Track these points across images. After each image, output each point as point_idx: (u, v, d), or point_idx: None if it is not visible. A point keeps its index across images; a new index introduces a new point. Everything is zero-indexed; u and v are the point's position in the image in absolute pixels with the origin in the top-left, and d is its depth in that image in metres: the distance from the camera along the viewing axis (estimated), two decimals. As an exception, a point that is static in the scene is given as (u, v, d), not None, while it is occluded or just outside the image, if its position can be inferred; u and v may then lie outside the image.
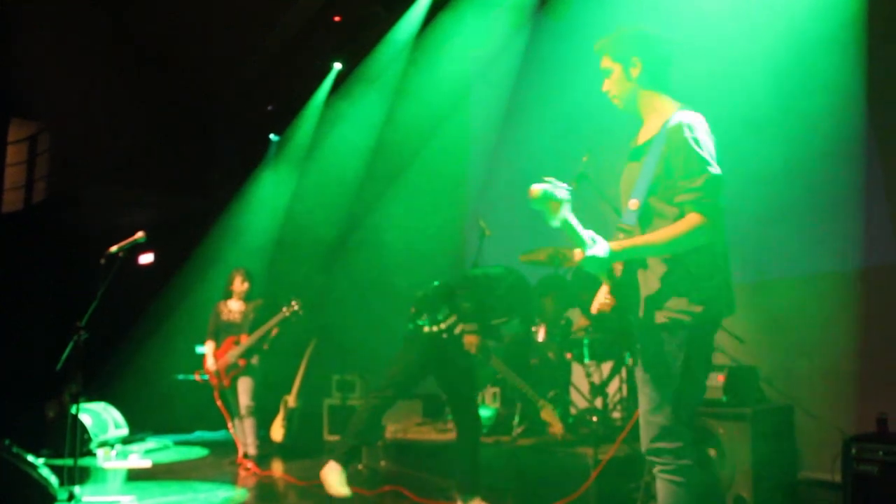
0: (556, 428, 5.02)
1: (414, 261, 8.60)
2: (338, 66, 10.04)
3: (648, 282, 2.77)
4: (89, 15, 10.18)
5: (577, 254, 2.63)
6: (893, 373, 4.55)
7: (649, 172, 2.73)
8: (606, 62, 2.98)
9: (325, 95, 10.36)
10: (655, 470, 2.77)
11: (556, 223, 2.58)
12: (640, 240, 2.70)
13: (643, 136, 2.93)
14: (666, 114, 2.86)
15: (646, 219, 2.78)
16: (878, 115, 4.86)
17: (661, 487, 2.75)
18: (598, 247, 2.61)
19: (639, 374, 2.79)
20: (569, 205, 2.58)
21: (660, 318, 2.72)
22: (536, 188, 2.56)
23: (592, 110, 6.61)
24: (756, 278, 5.45)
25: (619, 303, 2.72)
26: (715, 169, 2.70)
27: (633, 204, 2.74)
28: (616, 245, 2.65)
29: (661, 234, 2.69)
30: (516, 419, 5.82)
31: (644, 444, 2.78)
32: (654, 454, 2.75)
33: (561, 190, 2.57)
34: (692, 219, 2.66)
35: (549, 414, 5.04)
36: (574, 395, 6.10)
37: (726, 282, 2.83)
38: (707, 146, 2.74)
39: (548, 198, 2.56)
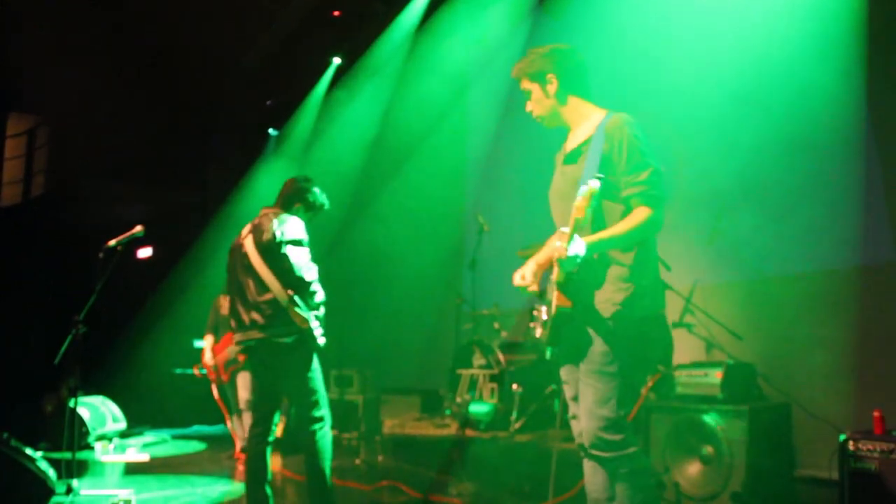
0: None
1: (413, 257, 8.61)
2: (337, 60, 10.04)
3: (591, 276, 2.79)
4: (88, 10, 10.16)
5: (561, 251, 2.63)
6: (891, 370, 4.56)
7: (592, 172, 2.75)
8: (524, 84, 3.07)
9: (324, 90, 10.36)
10: (604, 466, 2.79)
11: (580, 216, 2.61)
12: (605, 234, 2.74)
13: (574, 142, 2.99)
14: (595, 117, 2.94)
15: (597, 217, 2.80)
16: (877, 114, 4.86)
17: (616, 483, 2.77)
18: (579, 244, 2.63)
19: (584, 366, 2.81)
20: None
21: (604, 311, 2.76)
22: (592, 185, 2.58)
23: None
24: (754, 275, 5.45)
25: (572, 298, 2.71)
26: (656, 163, 2.78)
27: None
28: (586, 240, 2.68)
29: (619, 227, 2.75)
30: (514, 415, 5.84)
31: (587, 436, 2.79)
32: (600, 447, 2.76)
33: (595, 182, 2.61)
34: (642, 211, 2.75)
35: None
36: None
37: (659, 276, 2.93)
38: (646, 142, 2.82)
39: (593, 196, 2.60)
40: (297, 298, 4.03)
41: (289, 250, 4.06)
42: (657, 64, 6.03)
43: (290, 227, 4.12)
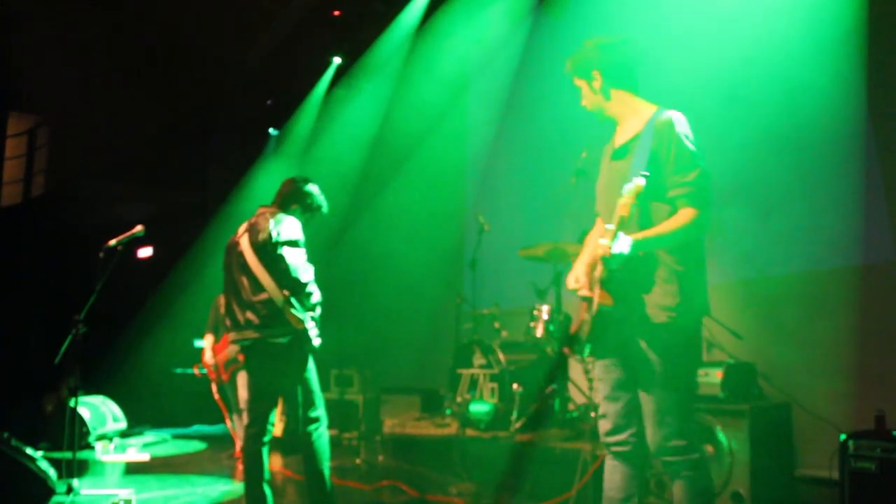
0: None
1: (413, 257, 8.60)
2: (337, 60, 10.04)
3: (637, 276, 2.77)
4: (88, 10, 10.16)
5: (606, 249, 2.63)
6: (891, 370, 4.56)
7: (640, 169, 2.74)
8: (576, 81, 3.06)
9: (324, 90, 10.36)
10: (669, 469, 2.80)
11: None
12: (651, 232, 2.73)
13: (622, 137, 2.98)
14: (644, 113, 2.92)
15: (643, 216, 2.79)
16: (878, 113, 4.86)
17: (677, 484, 2.79)
18: (624, 242, 2.64)
19: (644, 377, 2.80)
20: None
21: (656, 316, 2.73)
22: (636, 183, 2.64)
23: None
24: (754, 274, 5.45)
25: (615, 295, 2.71)
26: (704, 163, 2.77)
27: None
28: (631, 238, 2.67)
29: (664, 227, 2.73)
30: (514, 414, 5.83)
31: (654, 445, 2.80)
32: (667, 453, 2.77)
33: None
34: (688, 212, 2.73)
35: None
36: (572, 391, 6.11)
37: (706, 280, 2.90)
38: (695, 142, 2.81)
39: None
40: (292, 299, 4.02)
41: (285, 251, 4.04)
42: (657, 64, 6.02)
43: (287, 227, 4.10)
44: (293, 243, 4.08)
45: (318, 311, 4.20)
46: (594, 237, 3.07)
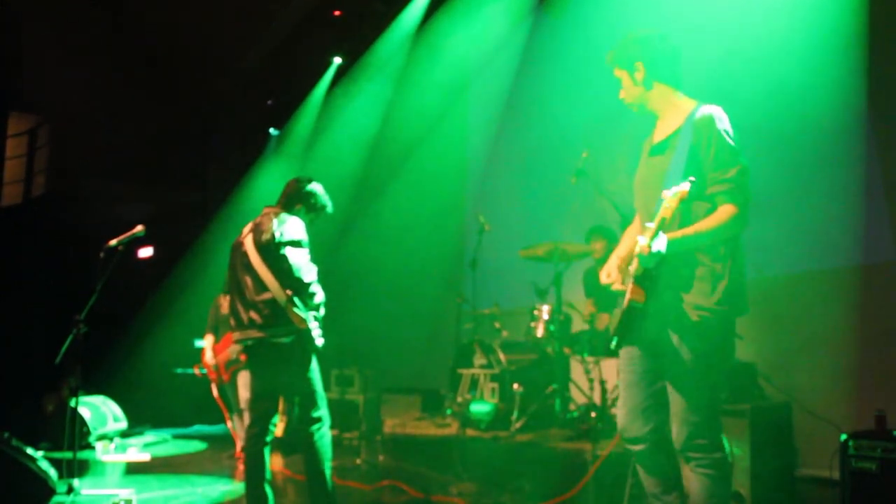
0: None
1: (413, 257, 8.61)
2: (337, 60, 10.05)
3: (673, 274, 2.74)
4: (88, 9, 10.17)
5: (644, 248, 2.61)
6: (891, 370, 4.56)
7: (679, 166, 2.72)
8: (616, 72, 3.02)
9: (324, 90, 10.37)
10: (691, 465, 2.80)
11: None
12: (689, 230, 2.71)
13: (662, 132, 2.95)
14: (684, 108, 2.90)
15: (684, 214, 2.77)
16: (878, 113, 4.86)
17: (696, 480, 2.79)
18: (661, 240, 2.62)
19: (674, 373, 2.79)
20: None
21: (692, 316, 2.72)
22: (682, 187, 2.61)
23: (591, 106, 6.65)
24: (755, 275, 5.43)
25: (650, 292, 2.68)
26: (744, 160, 2.75)
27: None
28: (669, 236, 2.65)
29: (703, 224, 2.71)
30: (515, 414, 5.84)
31: (678, 442, 2.79)
32: (692, 450, 2.77)
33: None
34: (728, 209, 2.71)
35: None
36: (573, 391, 6.11)
37: (745, 278, 2.86)
38: (735, 138, 2.79)
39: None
40: (295, 299, 4.02)
41: (288, 251, 4.04)
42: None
43: (290, 227, 4.11)
44: (296, 243, 4.09)
45: (322, 311, 4.20)
46: (632, 233, 3.05)
